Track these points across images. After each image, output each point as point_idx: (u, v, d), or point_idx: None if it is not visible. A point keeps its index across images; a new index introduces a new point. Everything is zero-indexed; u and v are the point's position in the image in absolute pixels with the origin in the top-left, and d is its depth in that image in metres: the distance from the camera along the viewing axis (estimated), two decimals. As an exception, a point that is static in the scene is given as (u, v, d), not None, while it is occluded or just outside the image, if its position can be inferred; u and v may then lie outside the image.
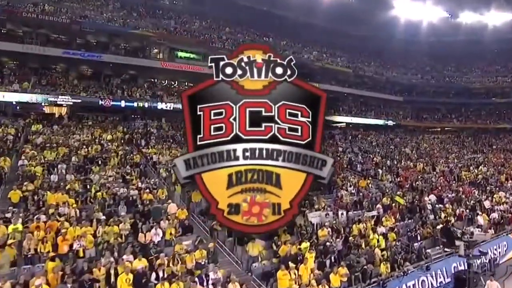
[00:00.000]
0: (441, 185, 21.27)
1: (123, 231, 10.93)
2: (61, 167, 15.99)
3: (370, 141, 35.35)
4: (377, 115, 43.47)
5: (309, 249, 10.44)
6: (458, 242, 10.64)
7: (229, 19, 39.74)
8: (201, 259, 9.79)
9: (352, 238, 11.78)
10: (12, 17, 26.00)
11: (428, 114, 45.93)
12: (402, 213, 15.70)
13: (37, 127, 22.02)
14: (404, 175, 22.76)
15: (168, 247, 10.95)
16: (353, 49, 46.26)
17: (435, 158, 30.24)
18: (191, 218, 13.50)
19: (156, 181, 16.13)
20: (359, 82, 44.44)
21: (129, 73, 32.29)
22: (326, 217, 13.37)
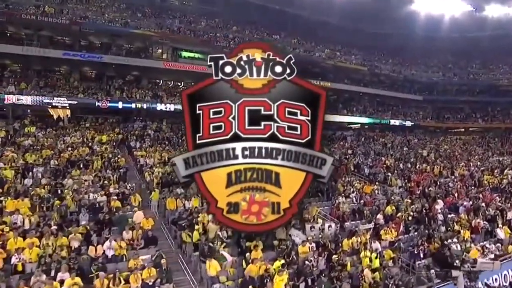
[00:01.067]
0: (458, 191, 18.95)
1: (74, 243, 9.73)
2: (37, 170, 15.13)
3: (385, 143, 32.99)
4: (394, 115, 40.94)
5: (281, 269, 8.87)
6: (456, 272, 8.40)
7: (240, 18, 38.70)
8: (148, 279, 8.43)
9: (336, 256, 10.03)
10: (12, 19, 25.79)
11: (450, 113, 42.93)
12: (406, 224, 13.74)
13: (29, 129, 21.50)
14: (417, 180, 20.54)
15: (124, 262, 9.69)
16: (370, 47, 44.16)
17: (455, 160, 27.62)
18: (162, 228, 12.21)
19: (133, 185, 14.94)
20: (375, 81, 42.31)
21: (133, 74, 31.74)
22: (311, 230, 11.70)
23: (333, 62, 39.37)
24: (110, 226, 11.24)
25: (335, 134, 35.75)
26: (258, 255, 9.54)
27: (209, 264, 9.24)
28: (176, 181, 13.78)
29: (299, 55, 38.57)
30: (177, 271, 10.37)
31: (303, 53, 39.33)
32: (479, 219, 14.53)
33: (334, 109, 38.47)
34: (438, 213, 14.98)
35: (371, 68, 41.53)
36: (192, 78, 34.30)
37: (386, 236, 12.22)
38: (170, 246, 11.41)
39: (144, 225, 11.29)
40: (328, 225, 11.93)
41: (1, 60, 26.65)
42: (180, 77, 33.20)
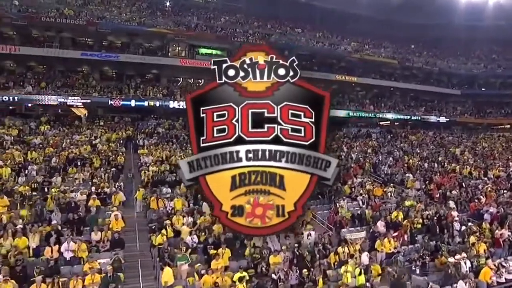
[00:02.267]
0: (487, 195, 16.58)
1: (33, 244, 9.35)
2: (31, 168, 15.20)
3: (412, 141, 30.41)
4: (428, 111, 37.82)
5: (241, 283, 7.82)
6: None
7: (263, 13, 37.99)
8: (91, 285, 7.76)
9: (306, 271, 8.70)
10: (34, 23, 26.74)
11: (493, 108, 38.86)
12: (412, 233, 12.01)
13: (42, 128, 22.05)
14: (440, 182, 18.34)
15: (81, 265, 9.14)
16: (402, 39, 41.64)
17: (492, 160, 24.66)
18: (137, 230, 11.60)
19: (120, 185, 14.52)
20: (407, 75, 39.57)
21: (152, 73, 31.96)
22: (286, 239, 10.44)
23: (359, 55, 37.21)
24: (81, 226, 10.79)
25: (360, 131, 33.73)
26: (219, 264, 8.54)
27: (165, 271, 8.42)
28: (167, 180, 13.09)
29: (323, 49, 36.99)
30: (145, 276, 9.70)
31: (327, 47, 37.71)
32: (504, 229, 12.39)
33: (360, 105, 36.51)
34: (455, 221, 13.04)
35: (402, 61, 38.81)
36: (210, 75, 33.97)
37: (382, 248, 10.65)
38: (134, 250, 10.73)
39: (114, 226, 10.71)
40: (307, 234, 10.53)
41: (27, 62, 27.81)
42: (199, 74, 32.83)
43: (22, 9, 26.69)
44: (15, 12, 26.31)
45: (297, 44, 35.24)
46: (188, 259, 8.98)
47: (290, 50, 30.65)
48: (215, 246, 9.59)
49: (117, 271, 8.85)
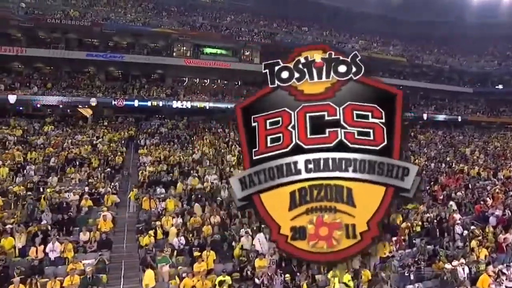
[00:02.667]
0: (495, 196, 15.91)
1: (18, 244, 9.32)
2: (29, 168, 15.30)
3: (421, 140, 29.65)
4: (438, 110, 36.86)
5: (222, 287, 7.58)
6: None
7: (270, 12, 37.73)
8: (70, 287, 7.64)
9: (289, 276, 8.40)
10: (40, 24, 27.10)
11: (507, 107, 37.59)
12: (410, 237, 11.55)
13: (45, 128, 22.28)
14: (445, 183, 17.73)
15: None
16: (412, 37, 40.81)
17: (504, 160, 23.77)
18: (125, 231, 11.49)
19: (116, 185, 14.47)
20: (417, 73, 38.67)
21: (157, 73, 32.03)
22: (269, 240, 10.11)
23: (367, 53, 36.46)
24: (70, 226, 10.75)
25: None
26: (201, 267, 8.32)
27: (146, 273, 8.25)
28: (162, 180, 12.70)
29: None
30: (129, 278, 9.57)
31: (333, 45, 37.19)
32: (508, 233, 11.80)
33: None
34: (457, 224, 12.50)
35: (411, 59, 37.92)
36: (216, 74, 33.98)
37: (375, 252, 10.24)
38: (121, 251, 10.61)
39: (102, 227, 10.62)
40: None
41: (34, 63, 28.22)
42: (204, 74, 32.85)
43: (28, 11, 27.02)
44: (22, 14, 26.68)
45: (303, 42, 34.80)
46: (169, 261, 8.80)
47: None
48: (201, 248, 9.39)
49: (100, 272, 8.74)
